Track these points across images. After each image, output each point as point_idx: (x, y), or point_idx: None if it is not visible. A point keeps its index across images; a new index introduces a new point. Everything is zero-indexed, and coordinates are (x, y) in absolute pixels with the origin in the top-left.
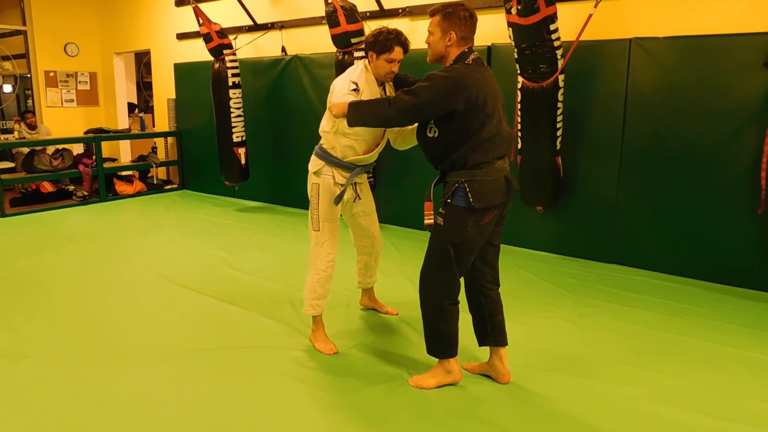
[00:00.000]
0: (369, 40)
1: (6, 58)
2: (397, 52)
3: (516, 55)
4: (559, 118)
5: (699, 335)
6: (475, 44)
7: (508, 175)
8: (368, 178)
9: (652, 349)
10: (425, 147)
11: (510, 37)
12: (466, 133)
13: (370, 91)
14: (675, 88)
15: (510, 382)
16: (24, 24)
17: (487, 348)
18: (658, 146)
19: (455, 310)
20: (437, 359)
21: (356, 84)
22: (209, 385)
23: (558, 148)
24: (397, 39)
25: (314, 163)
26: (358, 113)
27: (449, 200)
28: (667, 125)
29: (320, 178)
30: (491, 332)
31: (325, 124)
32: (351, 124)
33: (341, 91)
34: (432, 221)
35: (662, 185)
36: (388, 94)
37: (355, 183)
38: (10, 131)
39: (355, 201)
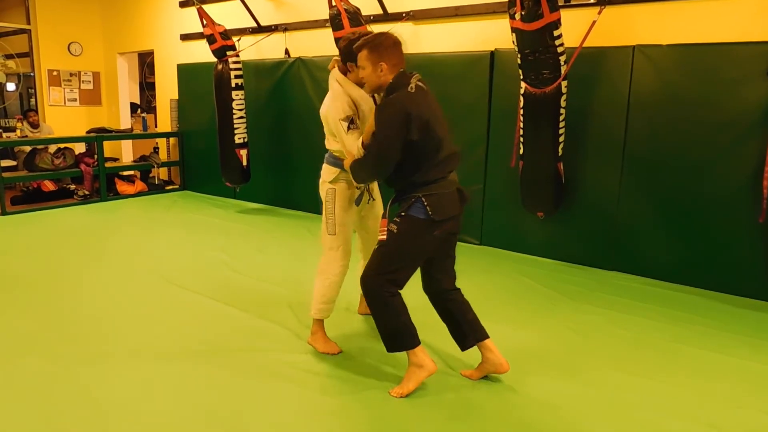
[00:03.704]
0: (344, 50)
1: (10, 56)
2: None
3: (519, 61)
4: (561, 125)
5: (698, 344)
6: (479, 49)
7: (459, 187)
8: None
9: (651, 358)
10: None
11: (513, 42)
12: (424, 156)
13: (364, 102)
14: (677, 95)
15: (513, 388)
16: (28, 23)
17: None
18: (660, 154)
19: (398, 299)
20: (408, 360)
21: (346, 116)
22: (206, 386)
23: (560, 154)
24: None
25: (329, 172)
26: (359, 177)
27: (405, 212)
28: (670, 133)
29: (336, 183)
30: (469, 331)
31: (333, 145)
32: (358, 183)
33: (337, 124)
34: (385, 237)
35: (664, 193)
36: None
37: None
38: (13, 129)
39: (369, 202)
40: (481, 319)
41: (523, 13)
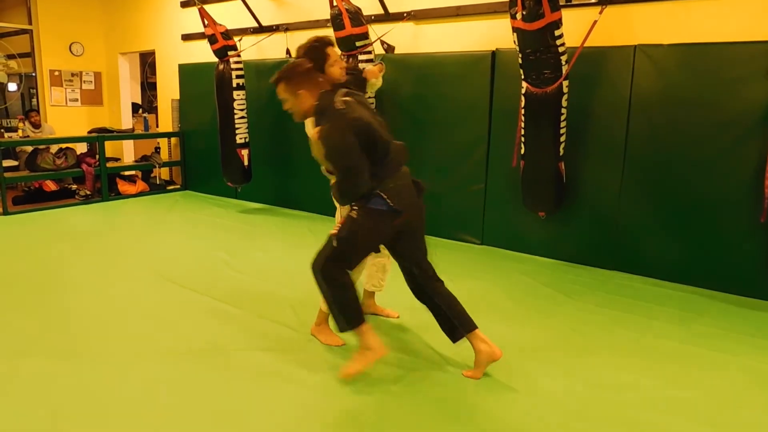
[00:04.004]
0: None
1: (11, 56)
2: (333, 54)
3: (520, 61)
4: (562, 124)
5: (699, 343)
6: (480, 49)
7: (414, 179)
8: None
9: (652, 357)
10: None
11: (514, 42)
12: (373, 159)
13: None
14: (679, 95)
15: (514, 388)
16: (30, 23)
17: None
18: (661, 153)
19: (348, 279)
20: (359, 343)
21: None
22: (208, 385)
23: (561, 153)
24: (323, 45)
25: None
26: (344, 201)
27: (365, 204)
28: (671, 132)
29: None
30: (459, 323)
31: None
32: (345, 204)
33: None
34: (336, 232)
35: (665, 192)
36: (370, 92)
37: None
38: (15, 129)
39: None
40: (482, 319)
41: (524, 12)
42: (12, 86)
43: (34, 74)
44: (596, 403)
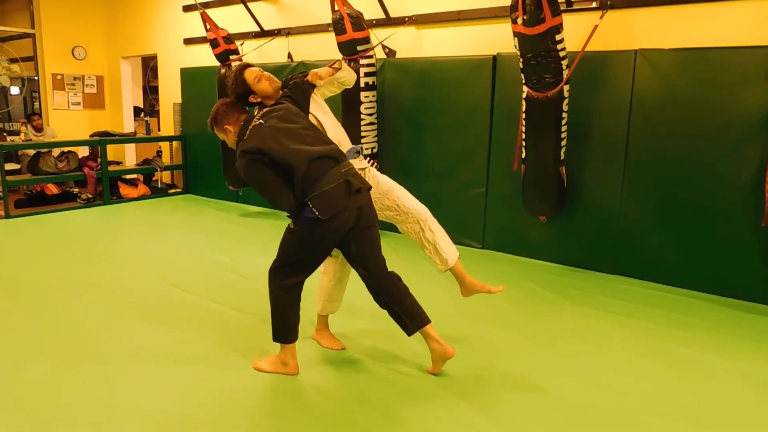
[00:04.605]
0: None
1: (14, 60)
2: (250, 74)
3: (521, 65)
4: (563, 128)
5: (700, 347)
6: (481, 53)
7: (350, 176)
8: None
9: (653, 361)
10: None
11: (515, 46)
12: (292, 175)
13: (321, 110)
14: (679, 99)
15: (516, 391)
16: (33, 27)
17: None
18: (661, 157)
19: (290, 296)
20: (280, 350)
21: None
22: (210, 388)
23: (562, 158)
24: (240, 72)
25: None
26: (277, 208)
27: (298, 215)
28: (671, 136)
29: None
30: (408, 319)
31: None
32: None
33: None
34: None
35: (665, 197)
36: (319, 97)
37: None
38: (17, 133)
39: None
40: (482, 322)
41: (525, 17)
42: (14, 90)
43: (36, 78)
44: (596, 406)
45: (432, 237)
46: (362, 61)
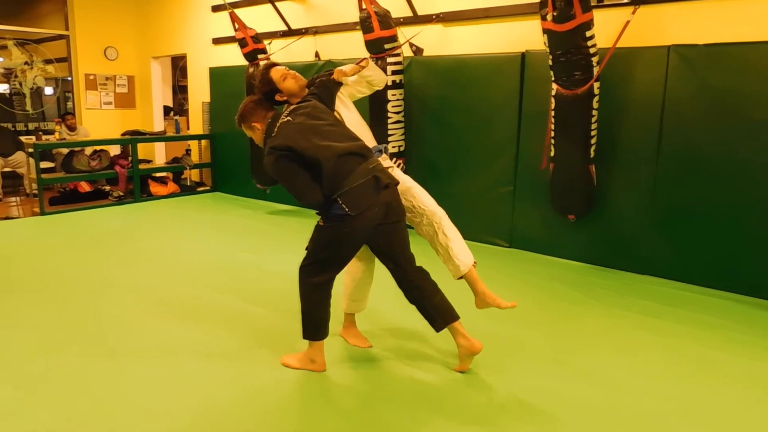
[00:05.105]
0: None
1: (49, 61)
2: (276, 73)
3: (550, 62)
4: (593, 126)
5: (731, 350)
6: (510, 51)
7: (378, 172)
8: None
9: (682, 364)
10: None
11: (545, 44)
12: (320, 171)
13: (345, 108)
14: (715, 97)
15: (543, 392)
16: (67, 29)
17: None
18: (695, 157)
19: (320, 294)
20: (309, 344)
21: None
22: (237, 384)
23: (592, 156)
24: (266, 71)
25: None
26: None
27: (327, 211)
28: (706, 135)
29: None
30: (437, 315)
31: None
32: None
33: None
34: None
35: (698, 197)
36: (346, 97)
37: None
38: (51, 132)
39: None
40: (509, 322)
41: (554, 14)
42: (48, 90)
43: (70, 78)
44: (624, 409)
45: (445, 241)
46: (389, 60)
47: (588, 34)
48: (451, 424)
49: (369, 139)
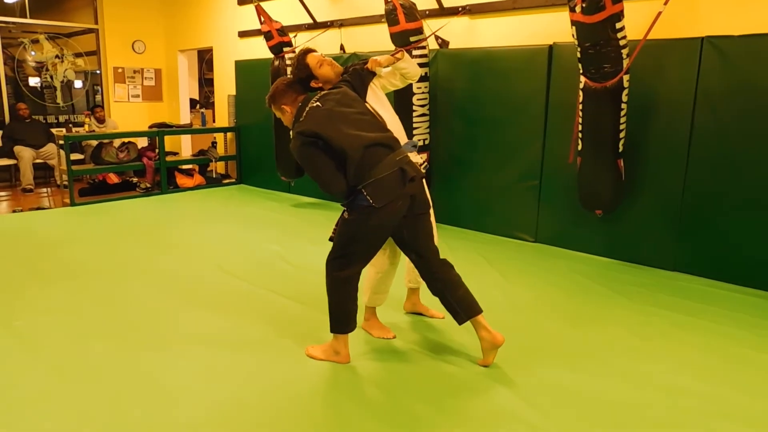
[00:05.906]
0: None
1: (79, 55)
2: (312, 59)
3: (579, 55)
4: (622, 120)
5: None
6: (537, 43)
7: (404, 165)
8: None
9: (717, 363)
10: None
11: (573, 35)
12: (346, 160)
13: (378, 99)
14: (750, 90)
15: (569, 389)
16: (96, 23)
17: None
18: (729, 151)
19: (348, 287)
20: (333, 335)
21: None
22: (264, 374)
23: (620, 150)
24: (302, 56)
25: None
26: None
27: (352, 202)
28: (740, 130)
29: None
30: (460, 308)
31: None
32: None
33: None
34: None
35: (731, 193)
36: (378, 88)
37: None
38: (81, 125)
39: None
40: (535, 318)
41: (583, 5)
42: (78, 83)
43: (98, 71)
44: (656, 408)
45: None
46: (415, 52)
47: (618, 25)
48: (477, 417)
49: (400, 132)
